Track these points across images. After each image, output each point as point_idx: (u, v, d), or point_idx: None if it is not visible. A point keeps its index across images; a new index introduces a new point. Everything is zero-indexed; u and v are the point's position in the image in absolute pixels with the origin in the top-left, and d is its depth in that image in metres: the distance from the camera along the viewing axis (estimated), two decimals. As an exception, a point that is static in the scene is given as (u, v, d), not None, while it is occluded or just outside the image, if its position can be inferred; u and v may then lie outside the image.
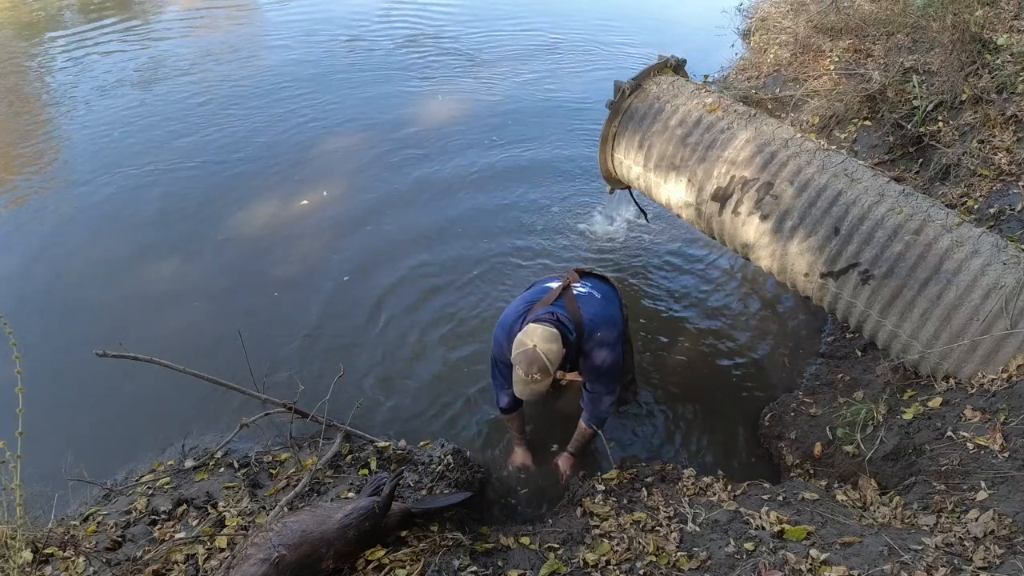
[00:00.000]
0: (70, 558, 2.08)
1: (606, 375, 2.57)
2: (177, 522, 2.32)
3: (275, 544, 1.83)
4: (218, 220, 4.63)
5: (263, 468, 2.65)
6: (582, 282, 2.67)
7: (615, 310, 2.66)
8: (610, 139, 3.78)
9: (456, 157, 5.35)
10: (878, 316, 2.84)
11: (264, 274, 4.14)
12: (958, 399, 2.54)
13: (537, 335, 2.31)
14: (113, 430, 3.19)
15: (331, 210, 4.74)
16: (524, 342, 2.32)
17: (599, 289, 2.69)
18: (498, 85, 6.58)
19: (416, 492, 2.47)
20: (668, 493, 2.50)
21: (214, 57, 7.30)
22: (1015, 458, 2.16)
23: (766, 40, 6.63)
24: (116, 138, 5.71)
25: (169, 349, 3.38)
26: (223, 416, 3.13)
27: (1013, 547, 1.85)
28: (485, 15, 8.41)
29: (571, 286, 2.60)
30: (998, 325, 2.51)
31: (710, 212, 3.36)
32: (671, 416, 3.26)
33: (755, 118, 3.32)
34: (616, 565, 2.06)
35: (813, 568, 1.85)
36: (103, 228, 4.58)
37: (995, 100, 4.02)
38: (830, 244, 2.91)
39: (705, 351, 3.64)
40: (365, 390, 3.33)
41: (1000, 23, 4.47)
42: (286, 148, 5.50)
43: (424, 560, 2.03)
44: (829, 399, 3.05)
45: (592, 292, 2.63)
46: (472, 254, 4.31)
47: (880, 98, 4.74)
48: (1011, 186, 3.53)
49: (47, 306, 3.92)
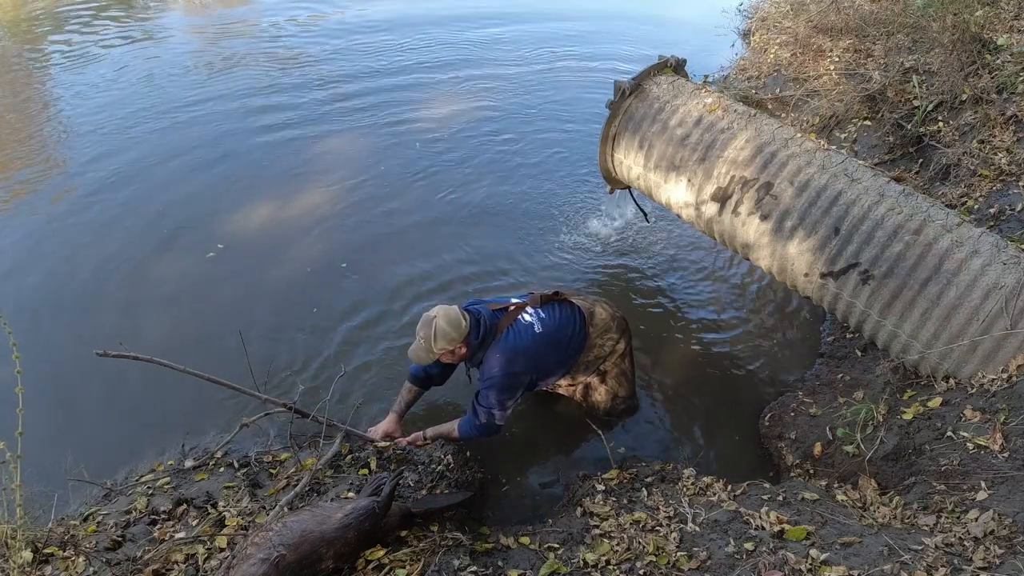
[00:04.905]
0: (70, 558, 2.08)
1: (483, 392, 2.67)
2: (177, 522, 2.32)
3: (275, 544, 1.83)
4: (218, 220, 4.62)
5: (263, 468, 2.65)
6: (539, 310, 2.74)
7: (537, 349, 2.68)
8: (610, 139, 3.78)
9: (458, 157, 5.35)
10: (878, 316, 2.84)
11: (264, 274, 4.14)
12: (958, 399, 2.54)
13: (445, 312, 2.57)
14: (113, 430, 3.18)
15: (332, 210, 4.73)
16: (434, 311, 2.59)
17: (551, 321, 2.72)
18: (497, 85, 6.58)
19: (416, 492, 2.47)
20: (668, 493, 2.50)
21: (215, 57, 7.30)
22: (1015, 458, 2.16)
23: (766, 40, 6.63)
24: (116, 137, 5.70)
25: (169, 349, 3.38)
26: (223, 416, 3.13)
27: (1013, 547, 1.85)
28: (485, 13, 8.41)
29: (523, 309, 2.74)
30: (998, 325, 2.51)
31: (710, 212, 3.36)
32: (671, 416, 3.26)
33: (755, 118, 3.32)
34: (616, 565, 2.06)
35: (813, 568, 1.85)
36: (103, 227, 4.58)
37: (995, 100, 4.02)
38: (830, 244, 2.91)
39: (705, 351, 3.63)
40: (365, 390, 3.33)
41: (1000, 23, 4.48)
42: (287, 148, 5.50)
43: (424, 560, 2.03)
44: (829, 399, 3.05)
45: (535, 324, 2.69)
46: (473, 254, 4.31)
47: (880, 98, 4.74)
48: (1011, 186, 3.53)
49: (47, 306, 3.92)
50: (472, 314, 2.65)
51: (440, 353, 2.59)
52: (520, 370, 2.66)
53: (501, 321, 2.69)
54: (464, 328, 2.57)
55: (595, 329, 2.85)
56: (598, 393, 3.07)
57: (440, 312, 2.57)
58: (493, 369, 2.63)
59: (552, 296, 2.82)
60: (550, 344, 2.72)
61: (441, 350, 2.57)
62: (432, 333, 2.54)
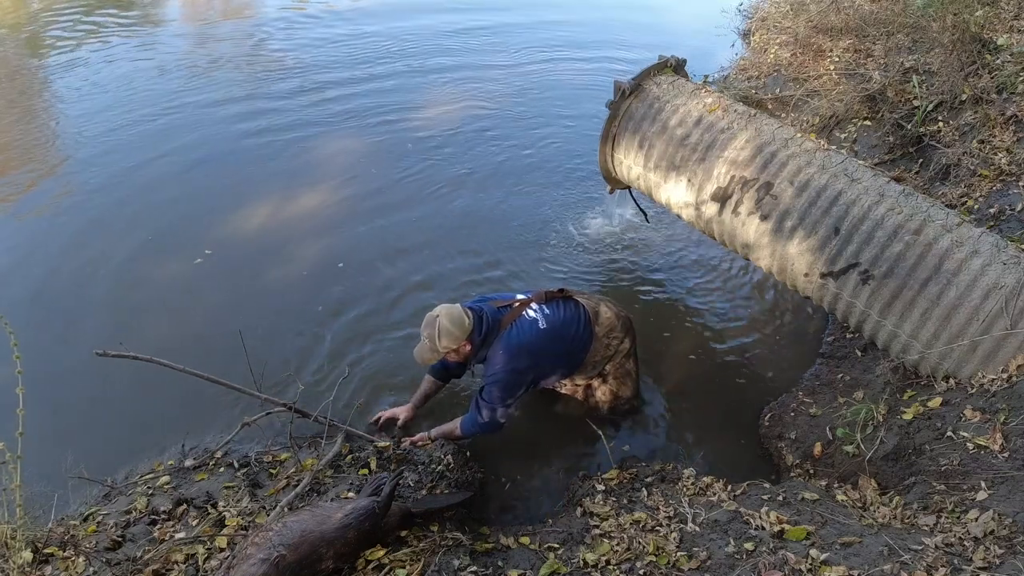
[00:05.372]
0: (70, 558, 2.08)
1: (486, 388, 2.68)
2: (177, 522, 2.32)
3: (275, 544, 1.83)
4: (218, 219, 4.62)
5: (263, 468, 2.65)
6: (543, 306, 2.74)
7: (541, 345, 2.67)
8: (610, 139, 3.78)
9: (459, 156, 5.35)
10: (878, 316, 2.84)
11: (265, 274, 4.13)
12: (958, 399, 2.54)
13: (448, 311, 2.57)
14: (113, 430, 3.18)
15: (333, 209, 4.73)
16: (437, 310, 2.59)
17: (555, 318, 2.72)
18: (494, 85, 6.58)
19: (416, 492, 2.47)
20: (668, 493, 2.50)
21: (216, 56, 7.30)
22: (1015, 458, 2.16)
23: (766, 40, 6.63)
24: (115, 137, 5.69)
25: (168, 349, 3.38)
26: (223, 416, 3.13)
27: (1013, 547, 1.85)
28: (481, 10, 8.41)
29: (528, 305, 2.73)
30: (998, 325, 2.51)
31: (710, 212, 3.36)
32: (671, 416, 3.26)
33: (755, 118, 3.32)
34: (616, 565, 2.06)
35: (813, 568, 1.85)
36: (102, 227, 4.57)
37: (995, 100, 4.02)
38: (830, 244, 2.91)
39: (705, 351, 3.63)
40: (365, 390, 3.33)
41: (1000, 23, 4.48)
42: (287, 148, 5.50)
43: (424, 560, 2.03)
44: (829, 399, 3.05)
45: (539, 320, 2.69)
46: (470, 254, 4.31)
47: (880, 98, 4.74)
48: (1011, 186, 3.53)
49: (46, 306, 3.92)
50: (475, 312, 2.65)
51: (445, 352, 2.59)
52: (524, 366, 2.65)
53: (505, 317, 2.68)
54: (467, 326, 2.57)
55: (600, 328, 2.85)
56: (600, 393, 3.07)
57: (443, 311, 2.57)
58: (496, 365, 2.62)
59: (557, 293, 2.82)
60: (554, 341, 2.71)
61: (446, 349, 2.57)
62: (436, 332, 2.54)
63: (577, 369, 2.90)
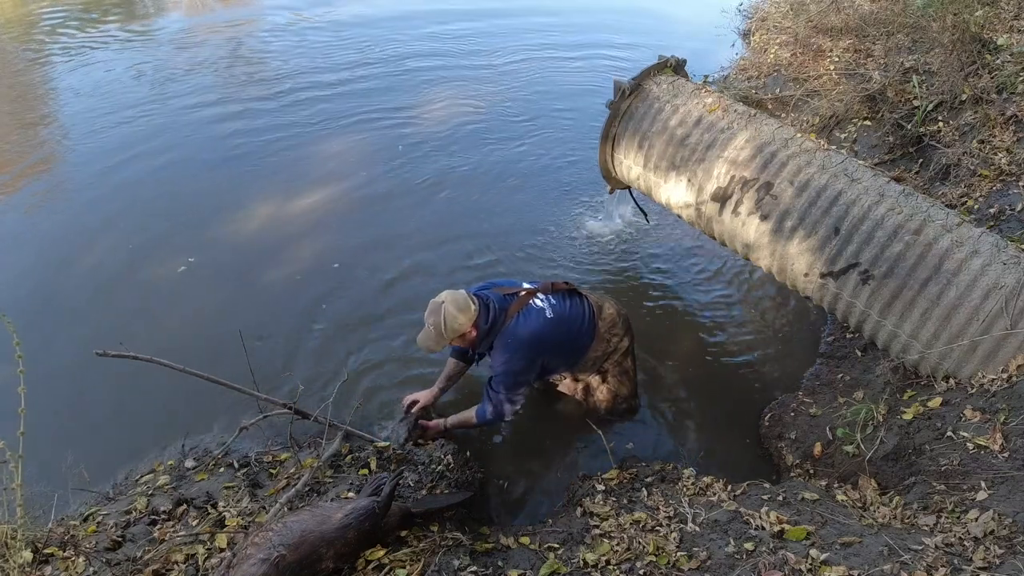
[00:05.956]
0: (70, 558, 2.08)
1: (496, 377, 2.68)
2: (177, 522, 2.32)
3: (275, 544, 1.83)
4: (218, 219, 4.62)
5: (263, 468, 2.65)
6: (550, 296, 2.73)
7: (548, 335, 2.66)
8: (610, 139, 3.78)
9: (460, 155, 5.35)
10: (878, 316, 2.84)
11: (265, 274, 4.13)
12: (958, 399, 2.54)
13: (452, 297, 2.53)
14: (113, 430, 3.18)
15: (332, 209, 4.73)
16: (441, 296, 2.55)
17: (562, 309, 2.72)
18: (493, 84, 6.58)
19: (416, 492, 2.47)
20: (668, 493, 2.50)
21: (216, 58, 7.30)
22: (1015, 458, 2.16)
23: (766, 40, 6.63)
24: (115, 137, 5.70)
25: (168, 349, 3.38)
26: (223, 416, 3.13)
27: (1013, 547, 1.85)
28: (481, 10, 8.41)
29: (535, 295, 2.71)
30: (998, 325, 2.51)
31: (710, 212, 3.36)
32: (671, 416, 3.26)
33: (755, 118, 3.31)
34: (616, 565, 2.06)
35: (813, 568, 1.85)
36: (102, 227, 4.57)
37: (995, 100, 4.02)
38: (830, 244, 2.91)
39: (705, 351, 3.63)
40: (365, 390, 3.33)
41: (1000, 23, 4.48)
42: (287, 148, 5.50)
43: (424, 560, 2.03)
44: (829, 399, 3.05)
45: (545, 310, 2.67)
46: (467, 254, 4.31)
47: (880, 98, 4.74)
48: (1011, 186, 3.53)
49: (46, 305, 3.92)
50: (481, 299, 2.62)
51: (450, 338, 2.55)
52: (532, 355, 2.63)
53: (511, 306, 2.65)
54: (473, 312, 2.54)
55: (603, 323, 2.85)
56: (600, 392, 3.07)
57: (447, 297, 2.53)
58: (504, 354, 2.60)
59: (563, 285, 2.81)
60: (561, 331, 2.70)
61: (452, 334, 2.53)
62: (441, 319, 2.50)
63: (579, 364, 2.89)
